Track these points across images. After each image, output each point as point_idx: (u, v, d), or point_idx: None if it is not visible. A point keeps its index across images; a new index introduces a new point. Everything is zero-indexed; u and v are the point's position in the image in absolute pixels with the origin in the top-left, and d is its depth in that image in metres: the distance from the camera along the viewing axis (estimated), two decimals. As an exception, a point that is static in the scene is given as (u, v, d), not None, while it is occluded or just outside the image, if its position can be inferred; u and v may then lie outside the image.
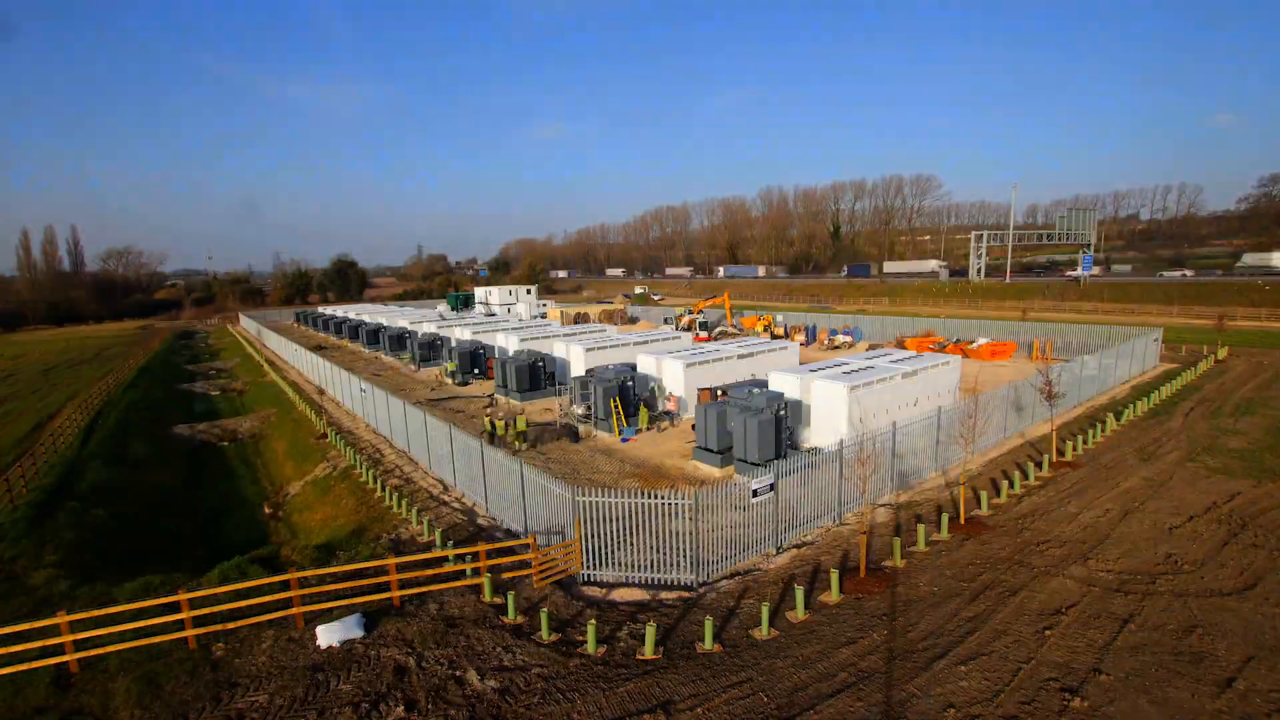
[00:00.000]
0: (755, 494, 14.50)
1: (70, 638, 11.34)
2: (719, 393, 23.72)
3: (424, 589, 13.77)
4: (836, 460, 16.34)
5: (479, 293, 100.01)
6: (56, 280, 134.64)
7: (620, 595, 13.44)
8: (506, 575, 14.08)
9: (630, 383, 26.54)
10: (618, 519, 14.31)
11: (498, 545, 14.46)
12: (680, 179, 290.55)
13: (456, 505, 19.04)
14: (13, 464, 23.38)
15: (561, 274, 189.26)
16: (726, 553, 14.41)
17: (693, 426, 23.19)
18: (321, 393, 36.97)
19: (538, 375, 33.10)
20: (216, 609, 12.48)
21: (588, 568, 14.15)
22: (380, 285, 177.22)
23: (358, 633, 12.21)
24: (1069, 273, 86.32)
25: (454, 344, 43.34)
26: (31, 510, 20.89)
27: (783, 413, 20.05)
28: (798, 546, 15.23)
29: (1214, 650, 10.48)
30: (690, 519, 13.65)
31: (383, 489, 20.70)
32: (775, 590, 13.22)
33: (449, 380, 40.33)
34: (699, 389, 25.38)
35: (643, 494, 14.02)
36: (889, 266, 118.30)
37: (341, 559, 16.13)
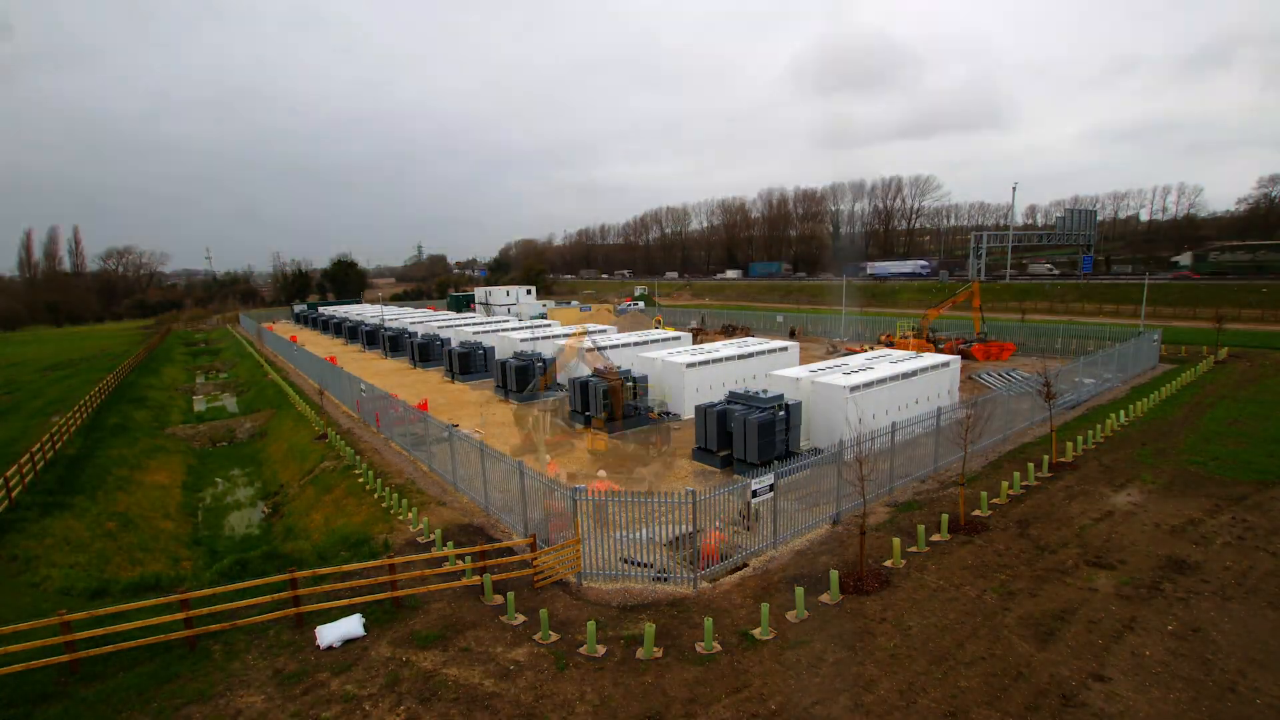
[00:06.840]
0: (755, 494, 14.51)
1: (70, 637, 11.34)
2: None
3: (424, 589, 13.77)
4: (836, 461, 16.35)
5: (479, 293, 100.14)
6: (57, 280, 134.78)
7: (620, 595, 13.43)
8: (507, 575, 14.07)
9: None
10: (618, 519, 14.32)
11: (498, 545, 14.45)
12: (680, 179, 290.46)
13: (457, 505, 19.04)
14: (13, 463, 23.35)
15: (568, 276, 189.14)
16: (726, 553, 14.42)
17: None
18: (321, 393, 36.96)
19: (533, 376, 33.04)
20: (216, 609, 12.47)
21: (588, 568, 14.14)
22: (379, 286, 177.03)
23: (358, 633, 12.20)
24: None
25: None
26: (32, 509, 20.90)
27: (783, 413, 20.04)
28: (798, 547, 15.23)
29: (1215, 652, 10.48)
30: (690, 519, 13.64)
31: (383, 489, 20.70)
32: (775, 590, 13.21)
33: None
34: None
35: (643, 495, 14.03)
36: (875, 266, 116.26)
37: (341, 559, 16.13)
